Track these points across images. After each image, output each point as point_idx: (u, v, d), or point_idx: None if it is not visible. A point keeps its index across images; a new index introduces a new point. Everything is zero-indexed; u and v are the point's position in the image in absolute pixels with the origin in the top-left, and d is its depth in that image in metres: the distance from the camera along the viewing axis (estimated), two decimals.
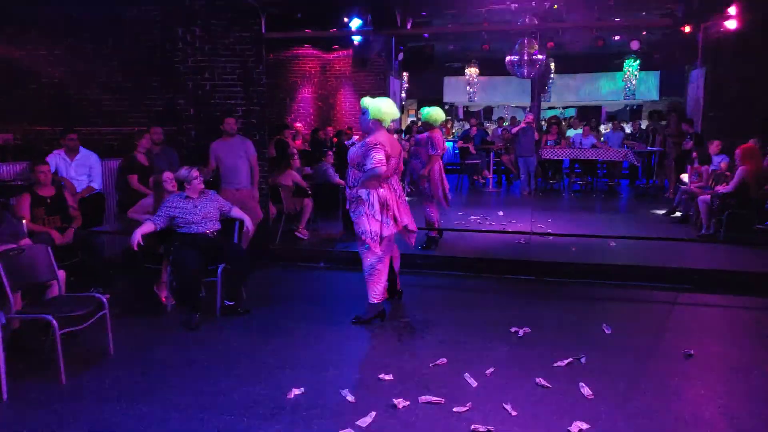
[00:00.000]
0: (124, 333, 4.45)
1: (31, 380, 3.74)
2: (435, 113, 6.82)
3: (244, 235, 5.52)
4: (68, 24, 7.64)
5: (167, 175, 5.36)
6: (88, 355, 4.11)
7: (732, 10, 6.54)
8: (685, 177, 8.80)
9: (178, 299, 5.11)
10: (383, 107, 4.60)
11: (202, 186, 5.13)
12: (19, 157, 7.17)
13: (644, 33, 13.21)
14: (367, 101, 4.67)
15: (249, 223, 5.25)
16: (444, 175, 6.93)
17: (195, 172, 5.08)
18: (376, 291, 4.73)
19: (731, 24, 7.58)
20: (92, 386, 3.67)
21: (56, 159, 6.28)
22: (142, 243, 4.70)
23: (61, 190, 5.52)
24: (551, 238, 7.39)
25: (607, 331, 4.52)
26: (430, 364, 3.91)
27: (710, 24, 8.68)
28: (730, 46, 8.50)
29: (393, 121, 4.82)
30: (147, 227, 4.80)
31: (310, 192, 7.68)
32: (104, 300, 4.01)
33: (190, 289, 4.80)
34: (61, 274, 4.28)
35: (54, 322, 3.61)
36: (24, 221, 4.97)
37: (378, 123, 4.61)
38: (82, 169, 6.40)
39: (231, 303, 5.00)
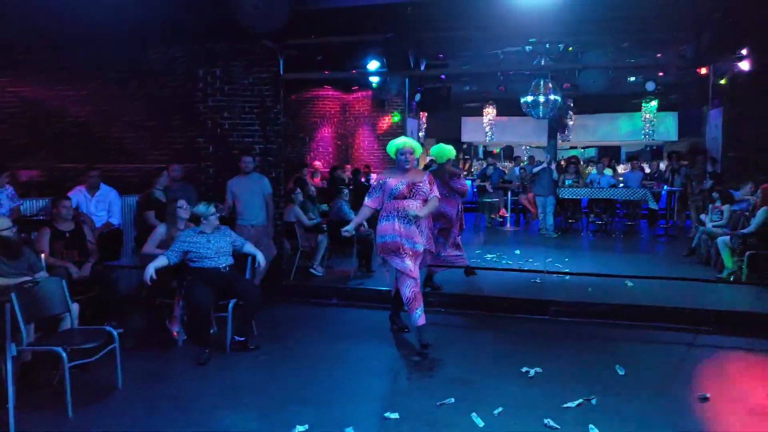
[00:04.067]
0: (135, 367, 4.48)
1: (38, 413, 3.77)
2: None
3: (256, 271, 5.55)
4: (94, 65, 7.94)
5: (182, 202, 5.49)
6: (97, 389, 4.14)
7: (743, 51, 6.53)
8: (704, 217, 8.67)
9: (189, 334, 5.14)
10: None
11: (217, 222, 5.22)
12: (43, 193, 7.38)
13: (660, 74, 13.26)
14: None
15: (261, 259, 5.30)
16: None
17: (212, 209, 5.17)
18: None
19: (744, 65, 7.58)
20: (98, 420, 3.69)
21: (77, 195, 6.44)
22: (155, 277, 4.77)
23: (81, 225, 5.64)
24: (567, 277, 7.31)
25: (620, 373, 4.42)
26: (438, 404, 3.85)
27: (721, 65, 8.69)
28: (745, 87, 8.48)
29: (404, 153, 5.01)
30: (160, 261, 4.87)
31: (325, 229, 7.75)
32: (114, 333, 4.06)
33: (200, 324, 4.83)
34: (75, 307, 4.34)
35: (63, 354, 3.65)
36: (42, 255, 5.08)
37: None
38: (102, 205, 6.54)
39: (241, 339, 5.01)
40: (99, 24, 6.66)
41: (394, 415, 3.67)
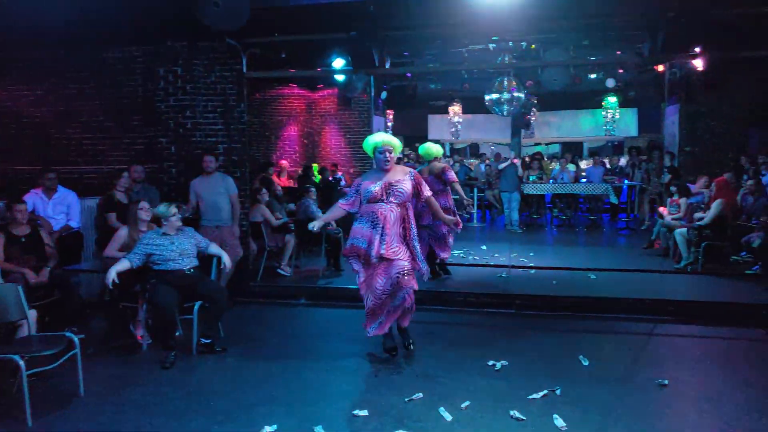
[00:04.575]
0: (98, 373, 4.39)
1: None
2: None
3: (222, 272, 5.49)
4: (51, 64, 7.72)
5: (143, 203, 5.41)
6: (58, 397, 4.03)
7: (697, 49, 6.74)
8: (663, 210, 8.92)
9: (154, 337, 5.05)
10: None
11: (180, 223, 5.14)
12: None
13: (620, 71, 13.54)
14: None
15: (227, 260, 5.24)
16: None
17: (173, 209, 5.09)
18: None
19: (698, 62, 7.83)
20: (59, 428, 3.60)
21: (34, 198, 6.26)
22: (117, 281, 4.67)
23: (37, 229, 5.49)
24: (532, 271, 7.43)
25: (584, 363, 4.52)
26: (406, 399, 3.88)
27: (676, 62, 8.97)
28: (699, 84, 8.77)
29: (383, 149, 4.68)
30: (123, 265, 4.78)
31: (292, 228, 7.70)
32: (75, 339, 3.96)
33: (165, 327, 4.76)
34: (32, 313, 4.23)
35: (20, 362, 3.55)
36: None
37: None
38: (60, 208, 6.38)
39: (207, 341, 4.95)
40: (55, 22, 6.48)
41: (363, 412, 3.68)
